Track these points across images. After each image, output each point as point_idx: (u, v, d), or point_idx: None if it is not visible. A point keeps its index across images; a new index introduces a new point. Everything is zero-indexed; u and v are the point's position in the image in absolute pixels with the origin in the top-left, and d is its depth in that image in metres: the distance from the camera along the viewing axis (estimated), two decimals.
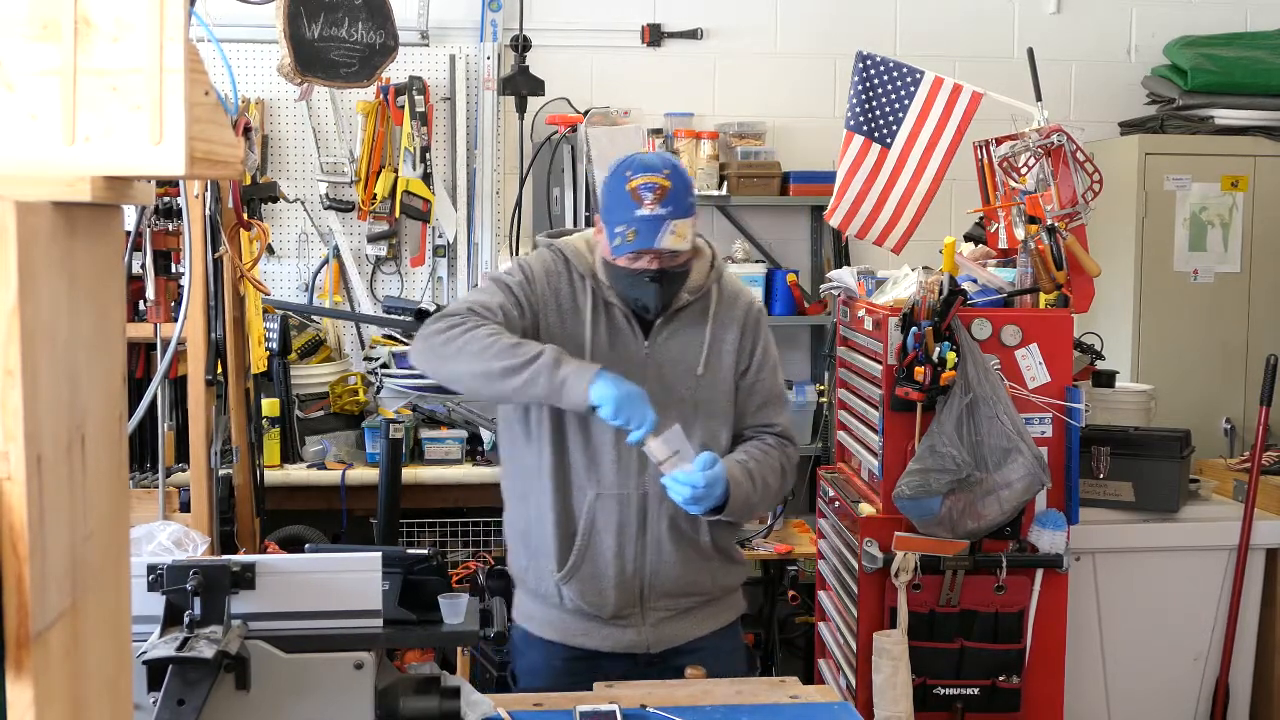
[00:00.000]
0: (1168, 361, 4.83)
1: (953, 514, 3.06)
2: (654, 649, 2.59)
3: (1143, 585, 3.63)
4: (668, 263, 2.47)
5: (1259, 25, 5.32)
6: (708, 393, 2.58)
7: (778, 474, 2.60)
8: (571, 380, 2.35)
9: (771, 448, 2.61)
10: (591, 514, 2.54)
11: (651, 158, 2.51)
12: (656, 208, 2.40)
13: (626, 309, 2.55)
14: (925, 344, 3.05)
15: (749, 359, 2.63)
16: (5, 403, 0.86)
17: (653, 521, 2.54)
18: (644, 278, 2.48)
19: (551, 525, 2.55)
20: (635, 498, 2.53)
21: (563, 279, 2.57)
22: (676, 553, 2.56)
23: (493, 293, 2.53)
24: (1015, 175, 3.44)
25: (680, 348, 2.57)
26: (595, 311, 2.55)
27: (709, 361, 2.58)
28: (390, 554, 1.91)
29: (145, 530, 2.47)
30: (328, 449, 4.37)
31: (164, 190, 2.84)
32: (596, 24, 5.13)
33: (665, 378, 2.54)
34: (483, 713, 2.05)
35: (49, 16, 0.92)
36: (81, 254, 0.98)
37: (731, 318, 2.62)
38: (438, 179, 4.94)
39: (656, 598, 2.58)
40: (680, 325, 2.58)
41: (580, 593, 2.56)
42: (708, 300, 2.60)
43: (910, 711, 3.08)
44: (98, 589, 1.01)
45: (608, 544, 2.54)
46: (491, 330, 2.43)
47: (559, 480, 2.54)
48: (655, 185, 2.41)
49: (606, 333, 2.55)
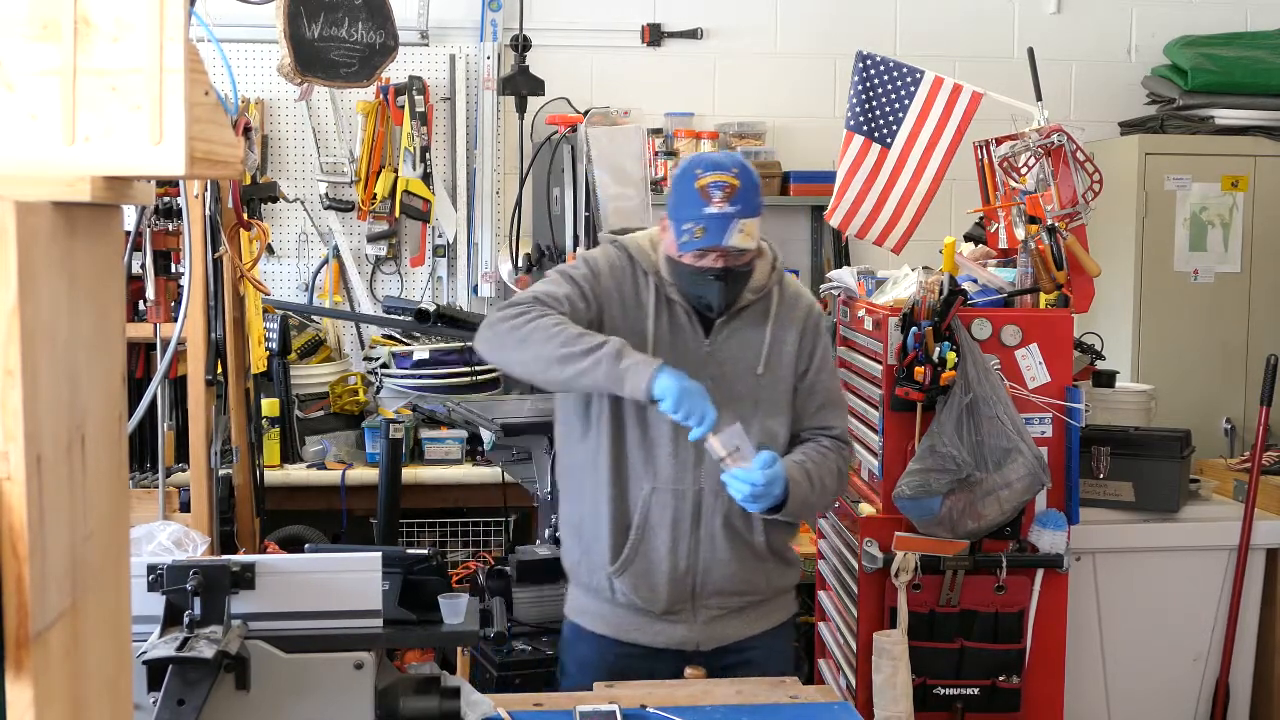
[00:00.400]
0: (1168, 361, 4.83)
1: (953, 514, 3.06)
2: (704, 646, 2.59)
3: (1143, 585, 3.63)
4: (733, 261, 2.48)
5: (1259, 25, 5.32)
6: (767, 392, 2.58)
7: (835, 476, 2.60)
8: (634, 371, 2.36)
9: (829, 450, 2.61)
10: (646, 508, 2.54)
11: (721, 156, 2.53)
12: (725, 205, 2.41)
13: (689, 306, 2.56)
14: (925, 344, 3.05)
15: (808, 360, 2.63)
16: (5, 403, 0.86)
17: (707, 518, 2.54)
18: (708, 275, 2.48)
19: (606, 518, 2.56)
20: (690, 493, 2.53)
21: (626, 275, 2.58)
22: (730, 550, 2.56)
23: (559, 284, 2.55)
24: (1015, 175, 3.44)
25: (741, 346, 2.58)
26: (658, 308, 2.56)
27: (769, 361, 2.58)
28: (390, 554, 1.91)
29: (145, 530, 2.47)
30: (328, 449, 4.37)
31: (164, 190, 2.84)
32: (596, 24, 5.13)
33: (725, 376, 2.55)
34: (483, 713, 2.04)
35: (49, 16, 0.92)
36: (81, 254, 0.98)
37: (792, 319, 2.62)
38: (438, 179, 4.94)
39: (708, 595, 2.58)
40: (741, 324, 2.58)
41: (633, 587, 2.56)
42: (769, 301, 2.61)
43: (910, 711, 3.08)
44: (98, 589, 1.01)
45: (661, 539, 2.54)
46: (557, 319, 2.45)
47: (615, 474, 2.55)
48: (724, 183, 2.42)
49: (669, 329, 2.56)
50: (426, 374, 4.48)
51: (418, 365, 4.49)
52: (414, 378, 4.48)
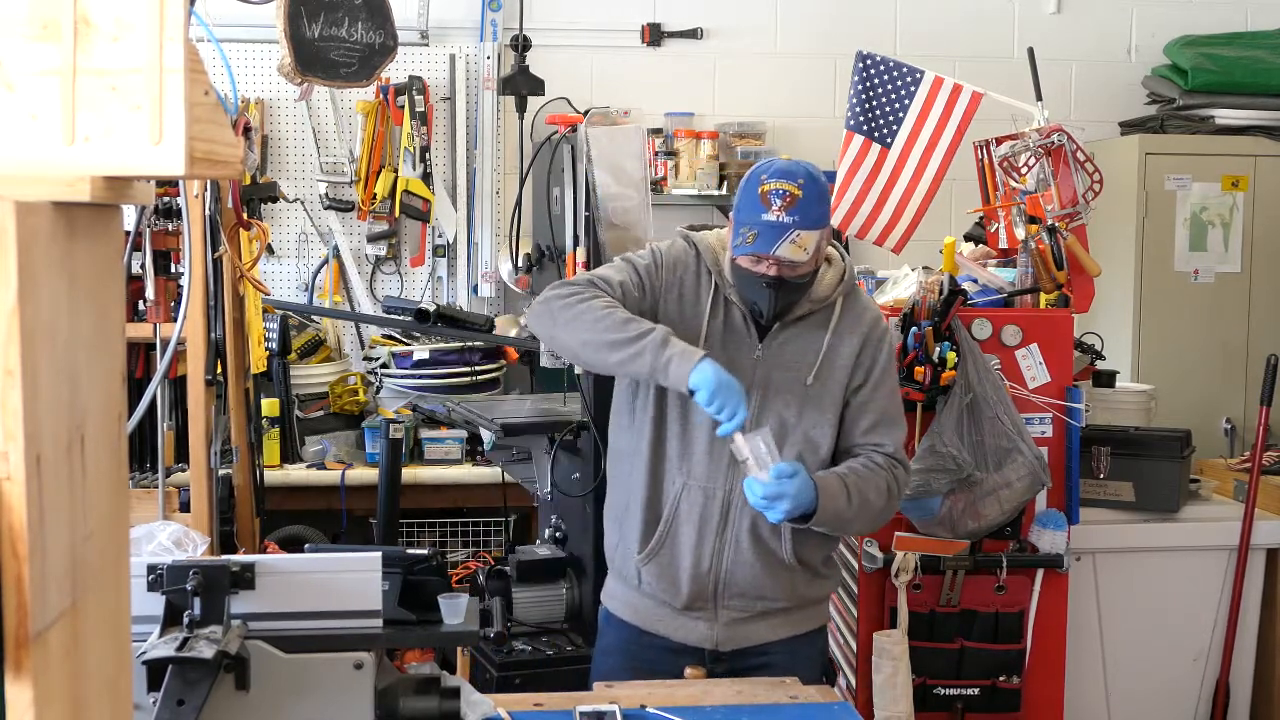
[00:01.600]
0: (1168, 361, 4.83)
1: (953, 514, 3.06)
2: (724, 647, 2.59)
3: (1143, 585, 3.63)
4: (786, 271, 2.45)
5: (1259, 25, 5.32)
6: (814, 404, 2.55)
7: (882, 494, 2.54)
8: (676, 360, 2.36)
9: (880, 467, 2.55)
10: (676, 502, 2.55)
11: (791, 164, 2.49)
12: (783, 215, 2.39)
13: (745, 310, 2.55)
14: (925, 344, 3.05)
15: (865, 375, 2.58)
16: (5, 403, 0.86)
17: (734, 520, 2.54)
18: (760, 281, 2.47)
19: (640, 507, 2.57)
20: (721, 494, 2.53)
21: (689, 270, 2.58)
22: (755, 555, 2.55)
23: (618, 269, 2.56)
24: (1015, 175, 3.44)
25: (794, 355, 2.56)
26: (714, 307, 2.55)
27: (820, 373, 2.55)
28: (390, 554, 1.90)
29: (145, 530, 2.46)
30: (328, 449, 4.37)
31: (164, 190, 2.84)
32: (596, 24, 5.13)
33: (773, 382, 2.54)
34: (483, 713, 2.04)
35: (49, 16, 0.92)
36: (81, 254, 0.98)
37: (853, 332, 2.58)
38: (437, 179, 4.94)
39: (730, 597, 2.57)
40: (798, 333, 2.56)
41: (657, 577, 2.57)
42: (830, 312, 2.57)
43: (910, 712, 3.08)
44: (98, 589, 1.01)
45: (688, 534, 2.55)
46: (608, 303, 2.46)
47: (652, 465, 2.56)
48: (785, 192, 2.40)
49: (722, 330, 2.55)
50: (426, 374, 4.48)
51: (418, 365, 4.49)
52: (414, 378, 4.48)
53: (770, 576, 2.57)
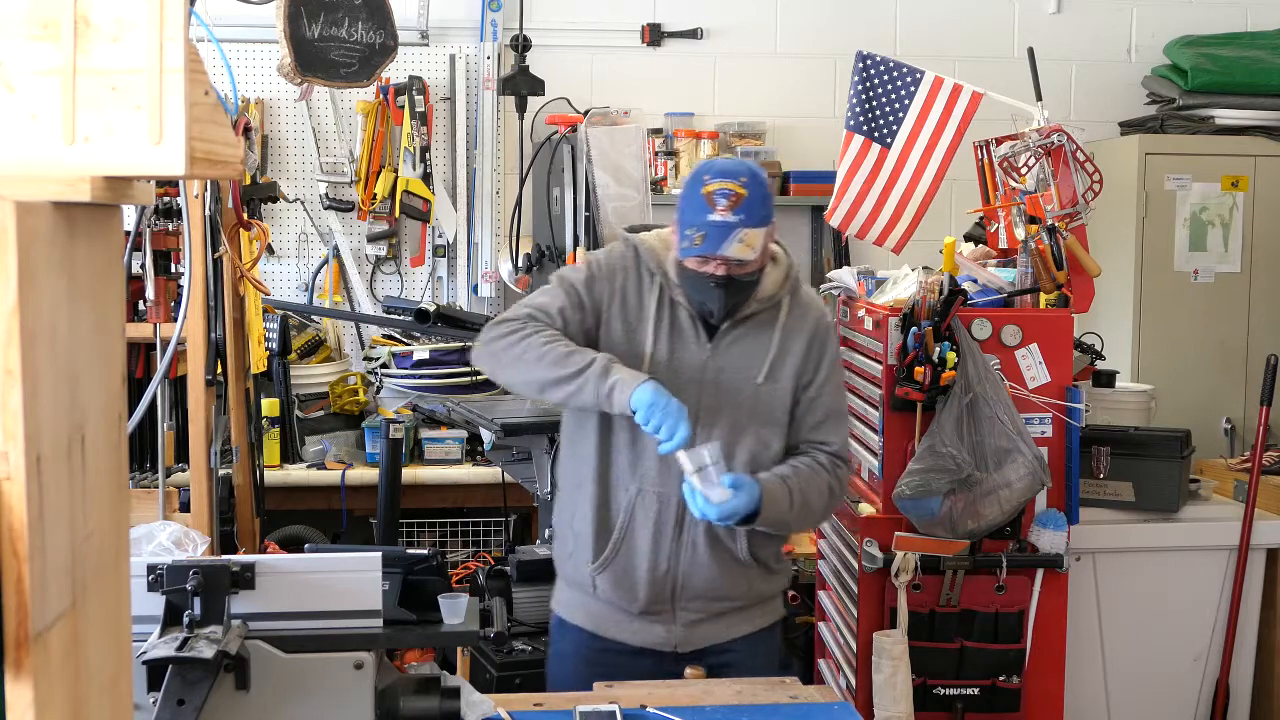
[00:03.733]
0: (1168, 361, 4.83)
1: (953, 514, 3.06)
2: (682, 648, 2.59)
3: (1143, 585, 3.63)
4: (734, 270, 2.46)
5: (1259, 25, 5.32)
6: (765, 401, 2.56)
7: (823, 495, 2.57)
8: (618, 388, 2.38)
9: (822, 467, 2.58)
10: (631, 509, 2.55)
11: (732, 163, 2.49)
12: (728, 214, 2.39)
13: (692, 310, 2.55)
14: (925, 344, 3.05)
15: (813, 372, 2.60)
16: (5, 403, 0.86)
17: (690, 523, 2.53)
18: (709, 282, 2.47)
19: (591, 515, 2.57)
20: (675, 498, 2.52)
21: (630, 275, 2.57)
22: (711, 556, 2.55)
23: (554, 295, 2.55)
24: (1015, 175, 3.44)
25: (744, 354, 2.56)
26: (660, 309, 2.55)
27: (771, 371, 2.56)
28: (390, 554, 1.91)
29: (145, 530, 2.46)
30: (328, 449, 4.37)
31: (164, 190, 2.84)
32: (596, 24, 5.13)
33: (724, 382, 2.54)
34: (483, 713, 2.04)
35: (49, 16, 0.92)
36: (81, 254, 0.98)
37: (801, 329, 2.60)
38: (438, 179, 4.94)
39: (688, 599, 2.58)
40: (746, 332, 2.57)
41: (613, 584, 2.57)
42: (778, 310, 2.58)
43: (910, 712, 3.08)
44: (98, 589, 1.01)
45: (643, 540, 2.54)
46: (548, 338, 2.46)
47: (602, 473, 2.56)
48: (730, 192, 2.40)
49: (669, 332, 2.55)
50: (426, 374, 4.48)
51: (418, 365, 4.49)
52: (414, 378, 4.48)
53: (727, 576, 2.57)
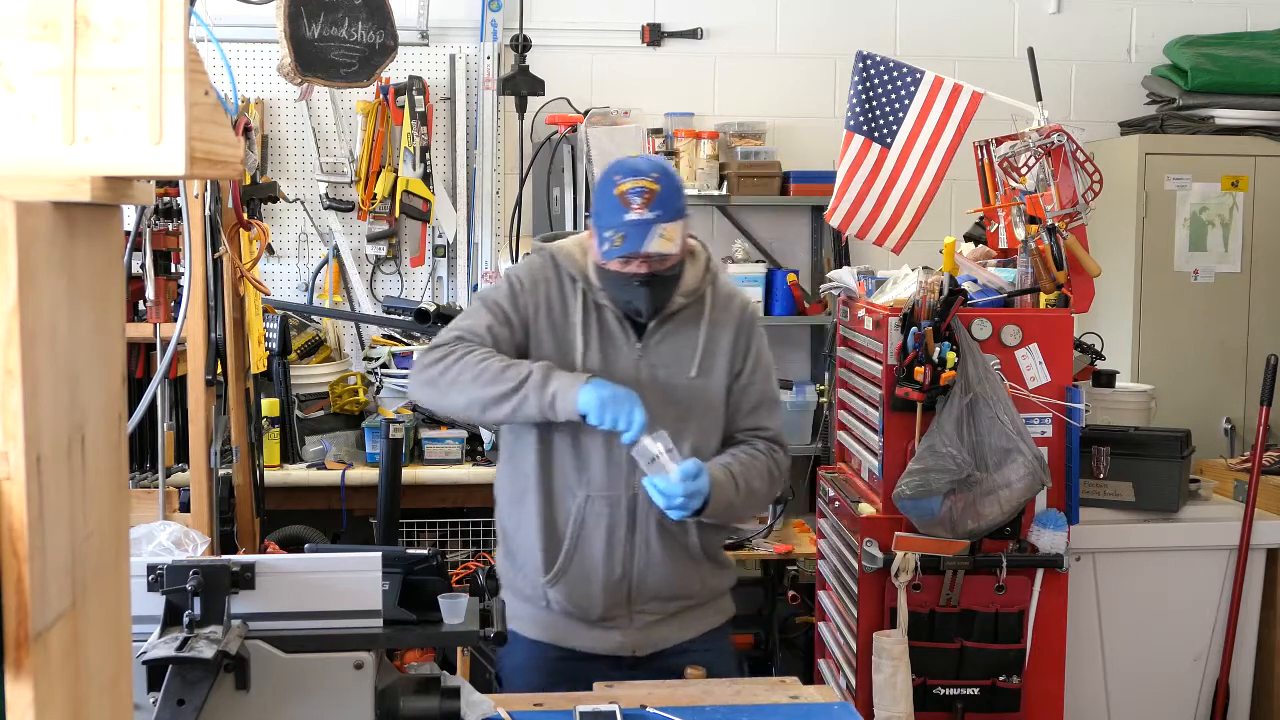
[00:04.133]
0: (1168, 361, 4.83)
1: (953, 514, 3.06)
2: (640, 652, 2.59)
3: (1143, 585, 3.63)
4: (657, 266, 2.46)
5: (1259, 25, 5.32)
6: (700, 395, 2.57)
7: (764, 479, 2.59)
8: (560, 393, 2.38)
9: (760, 453, 2.60)
10: (581, 516, 2.54)
11: (640, 161, 2.49)
12: (645, 211, 2.39)
13: (619, 312, 2.55)
14: (925, 344, 3.05)
15: (743, 361, 2.62)
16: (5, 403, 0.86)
17: (642, 522, 2.54)
18: (634, 281, 2.47)
19: (538, 528, 2.56)
20: (625, 499, 2.53)
21: (552, 284, 2.57)
22: (664, 554, 2.56)
23: (479, 315, 2.55)
24: (1015, 175, 3.44)
25: (674, 350, 2.57)
26: (586, 315, 2.55)
27: (702, 364, 2.57)
28: (390, 554, 1.91)
29: (145, 530, 2.46)
30: (328, 449, 4.37)
31: (164, 190, 2.84)
32: (596, 24, 5.13)
33: (658, 380, 2.54)
34: (483, 713, 2.04)
35: (49, 16, 0.92)
36: (81, 254, 0.98)
37: (726, 320, 2.61)
38: (438, 179, 4.94)
39: (644, 600, 2.58)
40: (674, 328, 2.57)
41: (567, 595, 2.56)
42: (702, 303, 2.59)
43: (910, 712, 3.08)
44: (98, 589, 1.01)
45: (597, 546, 2.54)
46: (481, 356, 2.46)
47: (544, 485, 2.55)
48: (643, 189, 2.40)
49: (598, 336, 2.54)
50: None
51: None
52: None
53: (681, 572, 2.58)
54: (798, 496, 4.70)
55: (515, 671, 2.63)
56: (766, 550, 4.22)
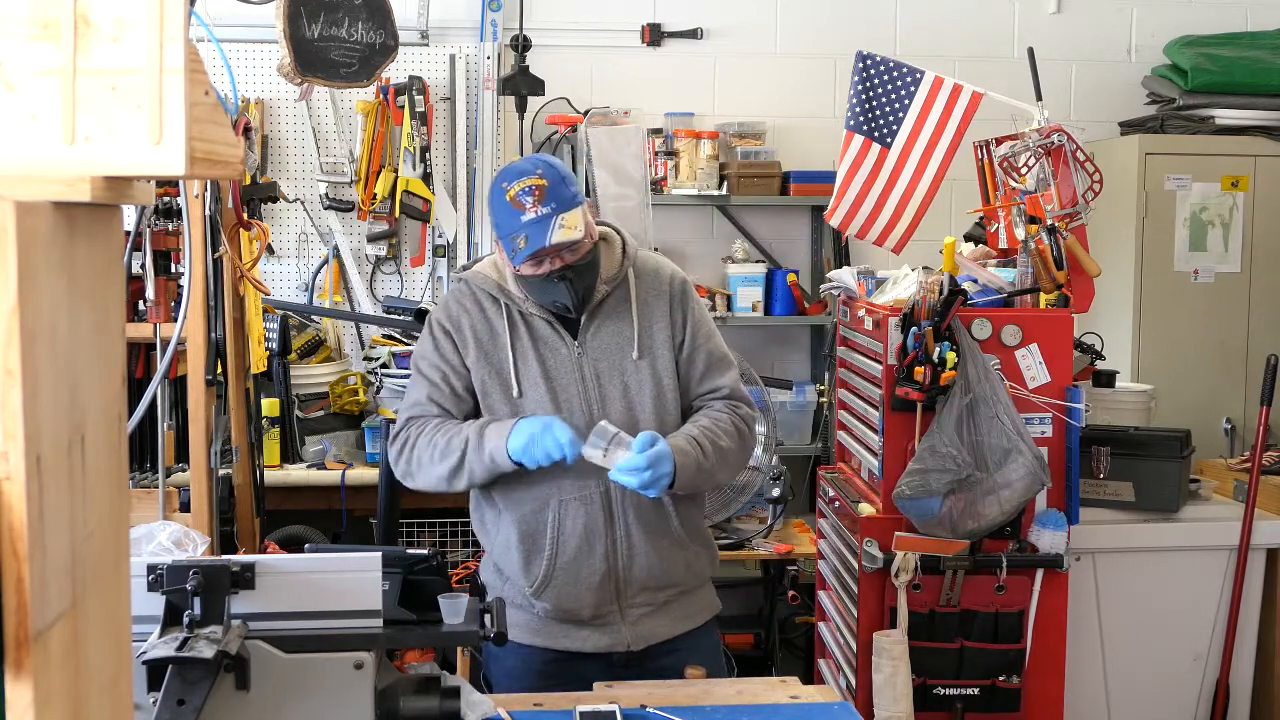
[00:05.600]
0: (1168, 361, 4.83)
1: (953, 514, 3.06)
2: (634, 647, 2.59)
3: (1143, 585, 3.63)
4: (570, 257, 2.46)
5: (1259, 25, 5.32)
6: (649, 376, 2.57)
7: (732, 436, 2.58)
8: (494, 453, 2.44)
9: (720, 412, 2.60)
10: (557, 522, 2.54)
11: (522, 163, 2.50)
12: (540, 209, 2.40)
13: (548, 315, 2.55)
14: (925, 344, 3.05)
15: (682, 331, 2.61)
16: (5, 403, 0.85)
17: (619, 515, 2.54)
18: (552, 279, 2.47)
19: (516, 543, 2.57)
20: (598, 495, 2.53)
21: (474, 313, 2.59)
22: (648, 542, 2.56)
23: (419, 386, 2.60)
24: (1015, 175, 3.44)
25: (611, 338, 2.57)
26: (514, 330, 2.56)
27: (642, 344, 2.57)
28: (390, 554, 1.91)
29: (145, 530, 2.46)
30: (328, 449, 4.37)
31: (164, 190, 2.84)
32: (596, 24, 5.13)
33: (602, 371, 2.55)
34: (483, 713, 2.04)
35: (49, 16, 0.92)
36: (81, 254, 0.98)
37: (656, 295, 2.61)
38: (438, 179, 4.94)
39: (634, 593, 2.58)
40: (605, 316, 2.57)
41: (555, 602, 2.57)
42: (627, 285, 2.60)
43: (910, 711, 3.08)
44: (98, 589, 1.01)
45: (578, 549, 2.54)
46: (429, 435, 2.53)
47: (516, 500, 2.56)
48: (531, 187, 2.41)
49: (531, 346, 2.55)
50: None
51: None
52: None
53: (666, 559, 2.58)
54: (798, 496, 4.70)
55: (507, 676, 2.63)
56: (766, 550, 4.22)
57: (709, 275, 5.07)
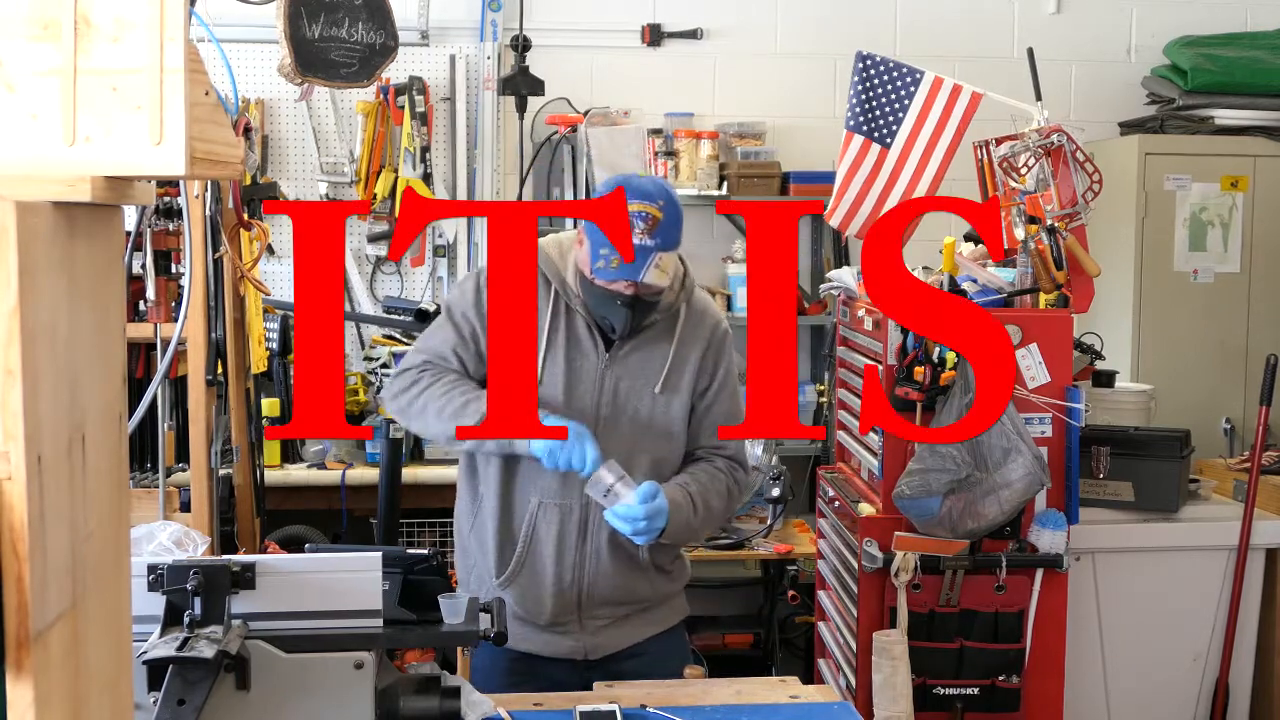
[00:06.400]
0: (1168, 361, 4.83)
1: (953, 514, 3.06)
2: (592, 655, 2.59)
3: (1143, 585, 3.63)
4: (644, 292, 2.45)
5: (1259, 25, 5.32)
6: (662, 412, 2.55)
7: (723, 497, 2.59)
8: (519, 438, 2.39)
9: (720, 471, 2.60)
10: (533, 522, 2.54)
11: (649, 184, 2.44)
12: (646, 238, 2.37)
13: (591, 319, 2.53)
14: (925, 344, 3.05)
15: (709, 379, 2.60)
16: (5, 403, 0.86)
17: (593, 533, 2.53)
18: (616, 300, 2.45)
19: (493, 529, 2.56)
20: (577, 508, 2.52)
21: None
22: (614, 564, 2.55)
23: (445, 334, 2.55)
24: (1015, 175, 3.44)
25: (641, 364, 2.55)
26: (555, 319, 2.53)
27: (668, 380, 2.55)
28: (390, 554, 1.91)
29: (145, 530, 2.46)
30: (328, 449, 4.37)
31: (164, 190, 2.84)
32: (596, 24, 5.13)
33: (620, 393, 2.53)
34: (483, 713, 2.05)
35: (49, 16, 0.92)
36: (81, 254, 0.98)
37: (697, 337, 2.59)
38: (438, 179, 4.94)
39: (594, 606, 2.57)
40: (643, 341, 2.55)
41: (518, 599, 2.56)
42: (675, 320, 2.57)
43: (910, 711, 3.08)
44: (98, 589, 1.01)
45: (547, 553, 2.54)
46: (444, 387, 2.48)
47: (504, 485, 2.55)
48: (648, 215, 2.37)
49: (565, 341, 2.53)
50: None
51: None
52: None
53: (630, 580, 2.58)
54: (798, 496, 4.70)
55: (479, 672, 2.64)
56: (766, 550, 4.22)
57: (709, 275, 5.06)
